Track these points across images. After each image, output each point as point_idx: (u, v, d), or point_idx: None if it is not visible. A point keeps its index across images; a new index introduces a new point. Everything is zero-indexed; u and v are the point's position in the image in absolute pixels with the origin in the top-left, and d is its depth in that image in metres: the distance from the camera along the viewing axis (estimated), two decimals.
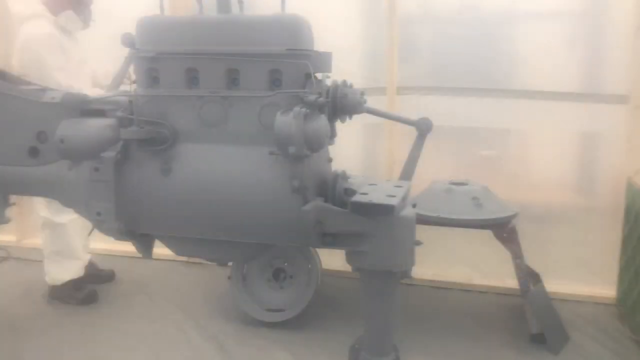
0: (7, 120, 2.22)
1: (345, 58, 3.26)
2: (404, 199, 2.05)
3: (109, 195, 2.01)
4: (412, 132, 2.85)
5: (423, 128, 2.59)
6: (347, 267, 2.10)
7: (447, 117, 3.19)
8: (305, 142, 1.82)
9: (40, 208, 2.98)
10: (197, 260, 3.73)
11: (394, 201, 1.92)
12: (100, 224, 2.06)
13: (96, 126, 2.06)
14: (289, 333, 2.79)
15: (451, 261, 3.41)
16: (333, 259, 3.14)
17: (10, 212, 2.88)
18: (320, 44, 2.10)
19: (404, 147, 2.91)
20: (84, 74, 2.88)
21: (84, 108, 2.15)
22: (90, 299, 3.08)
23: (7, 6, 3.66)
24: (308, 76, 1.92)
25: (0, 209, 2.78)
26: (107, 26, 3.62)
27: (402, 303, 2.94)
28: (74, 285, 3.10)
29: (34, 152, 2.19)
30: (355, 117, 2.22)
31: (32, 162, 2.19)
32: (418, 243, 2.05)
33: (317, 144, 1.86)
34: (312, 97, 1.85)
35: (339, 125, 2.14)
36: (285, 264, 2.93)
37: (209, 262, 2.46)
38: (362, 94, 2.08)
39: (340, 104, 2.01)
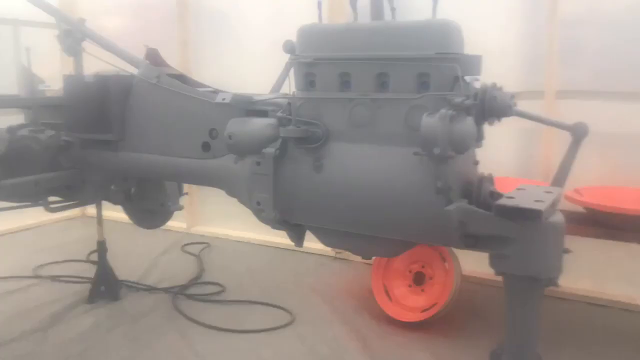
0: (185, 118, 2.52)
1: (501, 61, 3.22)
2: (553, 205, 1.99)
3: (267, 187, 2.21)
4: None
5: (579, 133, 2.48)
6: (492, 275, 2.08)
7: (611, 123, 3.00)
8: (450, 144, 1.85)
9: None
10: (344, 256, 3.91)
11: (541, 206, 1.88)
12: (259, 212, 2.27)
13: (259, 125, 2.27)
14: (431, 334, 2.82)
15: (611, 276, 3.19)
16: (476, 266, 3.11)
17: (183, 200, 3.27)
18: (473, 47, 2.11)
19: (562, 155, 2.79)
20: None
21: (250, 108, 2.37)
22: None
23: None
24: (456, 79, 1.94)
25: (175, 197, 3.16)
26: (271, 33, 3.97)
27: (551, 317, 2.83)
28: None
29: (206, 146, 2.47)
30: (510, 121, 2.19)
31: (204, 155, 2.47)
32: (567, 251, 1.98)
33: (462, 145, 1.88)
34: (459, 100, 1.87)
35: (491, 129, 2.13)
36: (423, 267, 2.98)
37: (355, 256, 2.57)
38: (512, 97, 2.05)
39: (488, 107, 2.00)
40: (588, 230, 2.70)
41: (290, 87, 2.36)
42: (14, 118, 3.22)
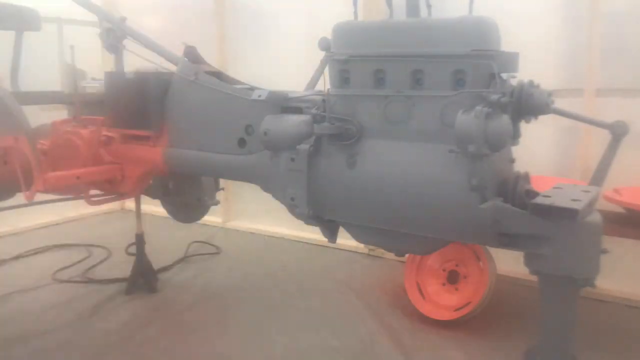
0: (222, 114, 2.57)
1: (539, 58, 3.17)
2: (590, 204, 1.96)
3: (301, 183, 2.23)
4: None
5: (618, 132, 2.43)
6: (527, 274, 2.06)
7: None
8: (485, 141, 1.84)
9: None
10: (377, 253, 3.91)
11: (578, 205, 1.85)
12: (293, 208, 2.30)
13: (294, 121, 2.30)
14: (464, 333, 2.81)
15: None
16: (511, 265, 3.07)
17: (219, 195, 3.32)
18: (510, 44, 2.09)
19: (601, 154, 2.73)
20: None
21: (285, 105, 2.40)
22: None
23: None
24: (492, 76, 1.93)
25: (212, 192, 3.22)
26: (307, 30, 4.00)
27: (588, 319, 2.78)
28: None
29: (242, 142, 2.51)
30: (548, 119, 2.15)
31: (240, 151, 2.51)
32: (604, 251, 1.95)
33: (497, 143, 1.87)
34: (494, 97, 1.86)
35: (528, 127, 2.11)
36: (457, 266, 2.96)
37: (388, 252, 2.58)
38: (550, 94, 2.03)
39: (525, 104, 1.98)
40: (627, 231, 2.65)
41: (325, 84, 2.37)
42: (58, 113, 3.35)
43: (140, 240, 3.36)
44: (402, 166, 2.08)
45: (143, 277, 3.35)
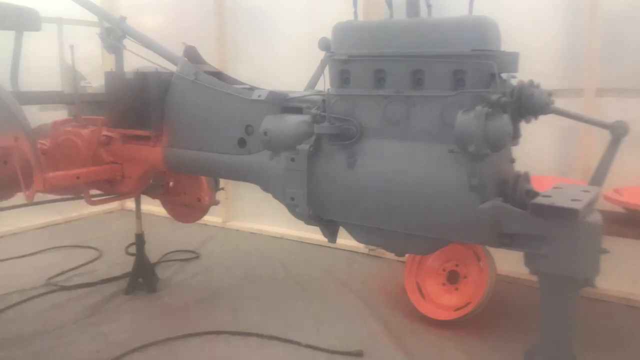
0: (222, 114, 2.57)
1: (539, 58, 3.17)
2: (590, 204, 1.96)
3: (301, 183, 2.23)
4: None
5: (618, 132, 2.43)
6: (527, 274, 2.06)
7: None
8: (485, 141, 1.84)
9: None
10: (377, 253, 3.91)
11: (578, 205, 1.85)
12: (293, 208, 2.30)
13: (294, 121, 2.30)
14: (464, 333, 2.81)
15: None
16: (511, 265, 3.07)
17: (219, 195, 3.32)
18: (511, 44, 2.09)
19: (601, 154, 2.73)
20: None
21: (284, 105, 2.40)
22: None
23: None
24: (492, 76, 1.93)
25: (212, 192, 3.22)
26: (307, 30, 4.00)
27: (588, 319, 2.79)
28: None
29: (242, 142, 2.51)
30: (548, 119, 2.15)
31: (240, 151, 2.51)
32: (604, 251, 1.95)
33: (497, 143, 1.87)
34: (495, 97, 1.86)
35: (528, 127, 2.11)
36: (457, 266, 2.97)
37: (388, 252, 2.58)
38: (550, 94, 2.03)
39: (525, 104, 1.98)
40: (627, 231, 2.65)
41: (325, 84, 2.37)
42: (58, 113, 3.35)
43: (140, 240, 3.36)
44: (402, 166, 2.07)
45: (143, 277, 3.35)
